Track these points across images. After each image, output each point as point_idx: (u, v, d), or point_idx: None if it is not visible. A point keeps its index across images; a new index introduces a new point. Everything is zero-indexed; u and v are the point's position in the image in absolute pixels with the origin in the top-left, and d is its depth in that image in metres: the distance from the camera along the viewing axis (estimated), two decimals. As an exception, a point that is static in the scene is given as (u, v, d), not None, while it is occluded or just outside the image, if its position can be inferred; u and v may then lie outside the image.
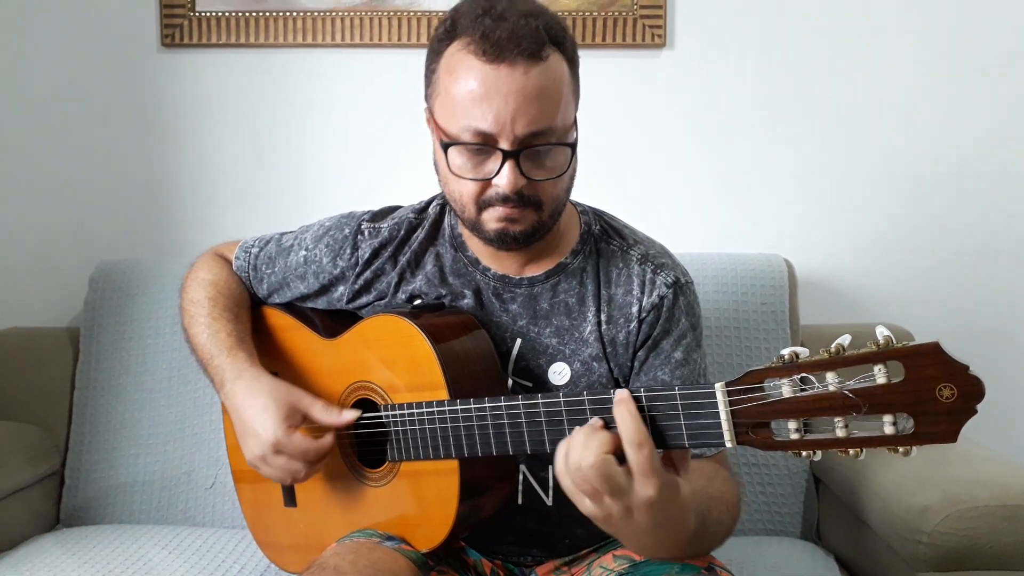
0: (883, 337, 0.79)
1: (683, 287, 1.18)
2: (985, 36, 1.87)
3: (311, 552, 1.16)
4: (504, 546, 1.20)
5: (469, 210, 1.10)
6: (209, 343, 1.22)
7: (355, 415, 1.12)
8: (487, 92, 1.02)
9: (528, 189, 1.07)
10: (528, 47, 1.02)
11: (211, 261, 1.32)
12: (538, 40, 1.03)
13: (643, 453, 0.87)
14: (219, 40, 1.90)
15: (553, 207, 1.11)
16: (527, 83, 1.02)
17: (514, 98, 1.02)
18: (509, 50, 1.02)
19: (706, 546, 1.04)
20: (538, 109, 1.03)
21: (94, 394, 1.73)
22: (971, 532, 1.23)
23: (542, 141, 1.05)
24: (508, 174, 1.04)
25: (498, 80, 1.02)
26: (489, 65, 1.02)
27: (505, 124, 1.03)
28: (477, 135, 1.04)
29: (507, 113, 1.02)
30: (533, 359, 1.17)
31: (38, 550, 1.52)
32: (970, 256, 1.90)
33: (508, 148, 1.04)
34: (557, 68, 1.05)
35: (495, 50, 1.02)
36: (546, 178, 1.07)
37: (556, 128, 1.05)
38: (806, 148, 1.90)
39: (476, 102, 1.03)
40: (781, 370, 0.83)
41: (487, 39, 1.02)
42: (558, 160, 1.08)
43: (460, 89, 1.04)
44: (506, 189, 1.05)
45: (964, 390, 0.77)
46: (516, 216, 1.08)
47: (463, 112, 1.04)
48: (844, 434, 0.81)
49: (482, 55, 1.02)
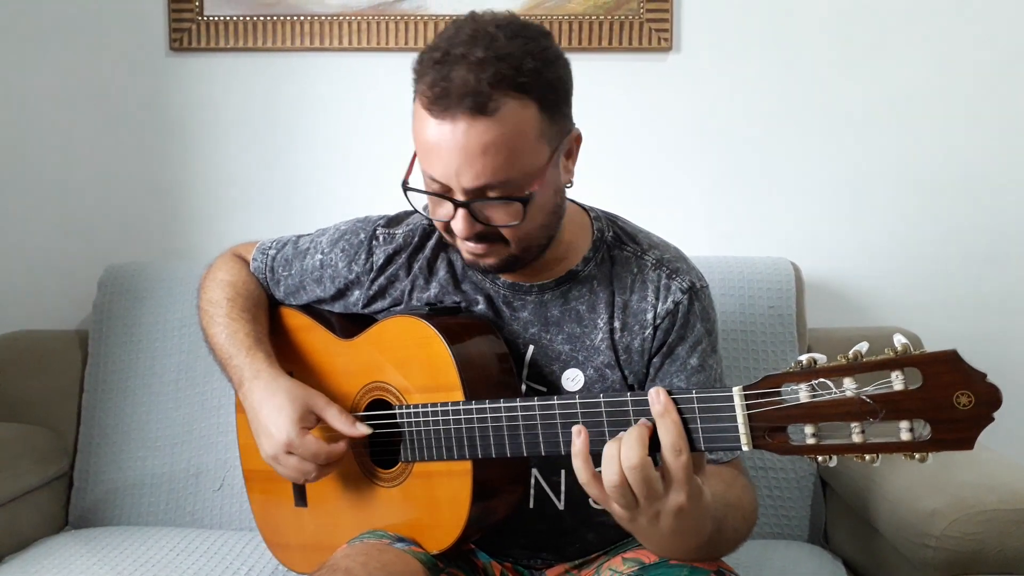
0: (901, 344, 0.80)
1: (698, 292, 1.17)
2: (995, 41, 1.87)
3: (321, 552, 1.16)
4: (514, 549, 1.20)
5: (447, 237, 1.13)
6: (228, 343, 1.22)
7: (367, 430, 1.12)
8: (436, 145, 1.02)
9: (489, 230, 1.06)
10: (472, 103, 0.98)
11: (229, 262, 1.33)
12: (483, 94, 0.98)
13: (681, 460, 0.88)
14: (227, 44, 1.91)
15: (524, 244, 1.09)
16: (468, 140, 1.00)
17: (457, 154, 1.00)
18: (452, 106, 0.99)
19: (721, 551, 1.04)
20: (482, 165, 1.01)
21: (102, 396, 1.73)
22: (979, 536, 1.23)
23: (494, 194, 1.03)
24: (460, 222, 1.05)
25: (441, 135, 1.01)
26: (434, 119, 1.01)
27: (450, 177, 1.02)
28: (432, 182, 1.05)
29: (452, 168, 1.02)
30: (546, 365, 1.17)
31: (47, 551, 1.52)
32: (978, 260, 1.90)
33: (459, 199, 1.04)
34: (511, 119, 1.00)
35: (439, 105, 1.00)
36: (503, 225, 1.06)
37: (511, 179, 1.02)
38: (813, 152, 1.90)
39: (428, 152, 1.03)
40: (799, 375, 0.84)
41: (433, 90, 1.00)
42: (512, 211, 1.05)
43: (419, 136, 1.05)
44: (460, 235, 1.06)
45: (982, 397, 0.78)
46: (482, 251, 1.09)
47: (423, 157, 1.05)
48: (861, 439, 0.82)
49: (429, 106, 1.01)
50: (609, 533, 1.20)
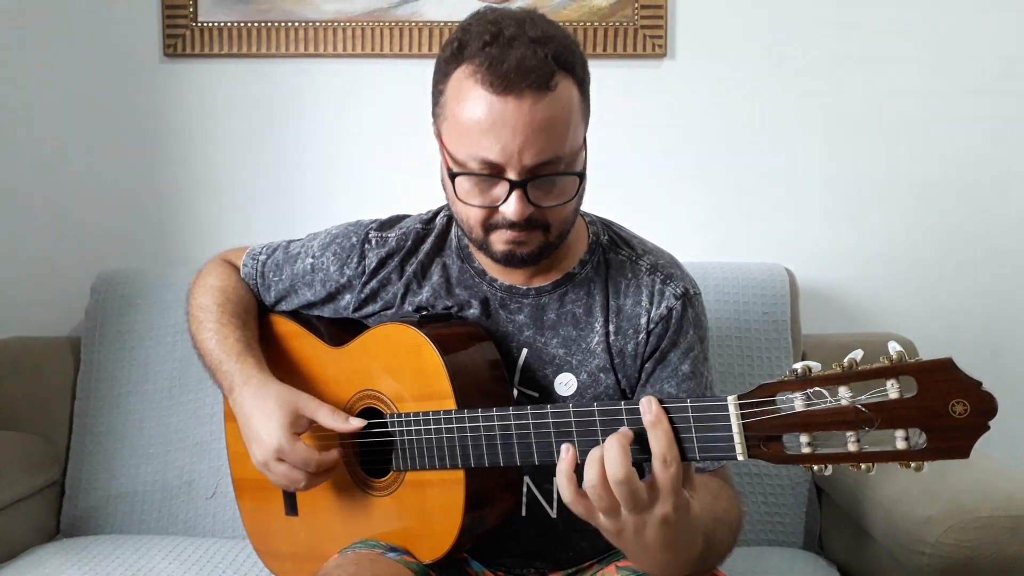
0: (895, 352, 0.79)
1: (692, 299, 1.17)
2: (985, 46, 1.88)
3: (312, 562, 1.16)
4: (507, 558, 1.20)
5: (476, 232, 1.10)
6: (217, 349, 1.22)
7: (362, 422, 1.11)
8: (494, 124, 1.01)
9: (536, 214, 1.07)
10: (536, 79, 1.00)
11: (219, 267, 1.32)
12: (547, 70, 1.01)
13: (669, 472, 0.88)
14: (221, 50, 1.90)
15: (561, 228, 1.11)
16: (535, 115, 1.00)
17: (522, 131, 1.01)
18: (517, 82, 1.00)
19: (708, 565, 1.04)
20: (546, 140, 1.02)
21: (95, 403, 1.72)
22: (974, 543, 1.23)
23: (550, 171, 1.04)
24: (515, 203, 1.04)
25: (505, 112, 1.00)
26: (496, 96, 1.00)
27: (512, 156, 1.02)
28: (484, 165, 1.03)
29: (515, 145, 1.01)
30: (539, 369, 1.16)
31: (38, 560, 1.51)
32: (972, 265, 1.91)
33: (515, 178, 1.03)
34: (566, 95, 1.04)
35: (502, 82, 1.00)
36: (554, 204, 1.07)
37: (564, 156, 1.05)
38: (807, 157, 1.91)
39: (484, 132, 1.02)
40: (794, 384, 0.83)
41: (494, 70, 1.00)
42: (566, 188, 1.07)
43: (467, 117, 1.03)
44: (513, 217, 1.05)
45: (977, 406, 0.78)
46: (523, 239, 1.08)
47: (471, 141, 1.03)
48: (856, 449, 0.81)
49: (489, 86, 1.01)
50: (602, 541, 1.17)
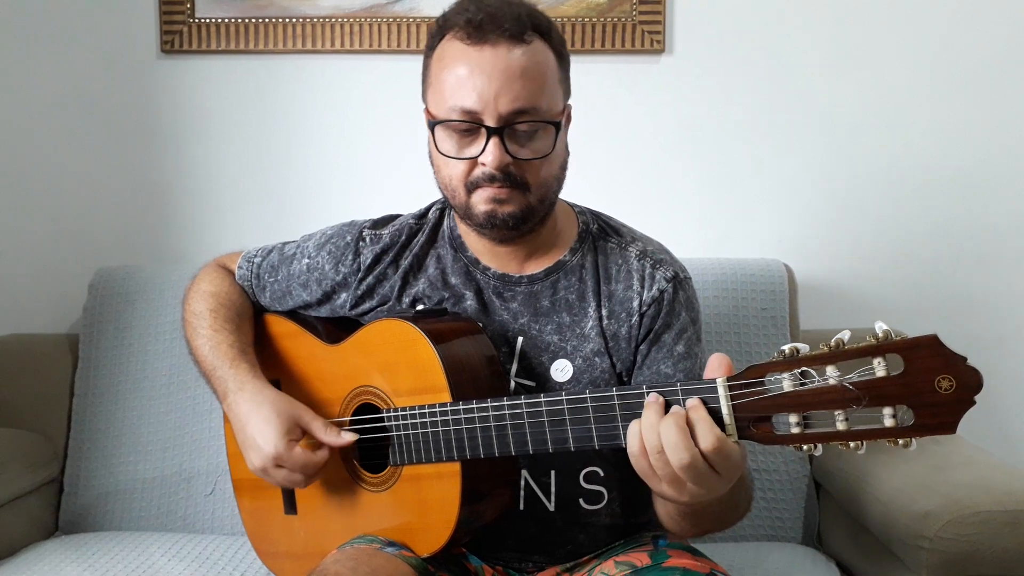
0: (882, 331, 0.80)
1: (682, 282, 1.19)
2: (982, 42, 1.87)
3: (311, 560, 1.15)
4: (505, 552, 1.20)
5: (459, 194, 1.12)
6: (211, 355, 1.22)
7: (353, 437, 1.13)
8: (471, 72, 1.07)
9: (515, 168, 1.09)
10: (510, 28, 1.07)
11: (213, 272, 1.33)
12: (520, 23, 1.08)
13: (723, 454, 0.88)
14: (219, 46, 1.90)
15: (542, 191, 1.12)
16: (510, 62, 1.07)
17: (497, 76, 1.06)
18: (491, 31, 1.07)
19: (739, 511, 1.08)
20: (521, 87, 1.07)
21: (93, 400, 1.72)
22: (973, 538, 1.23)
23: (526, 119, 1.08)
24: (492, 150, 1.07)
25: (481, 60, 1.07)
26: (473, 47, 1.08)
27: (488, 101, 1.06)
28: (463, 113, 1.08)
29: (490, 91, 1.06)
30: (535, 356, 1.17)
31: (36, 557, 1.51)
32: (969, 260, 1.90)
33: (492, 125, 1.07)
34: (541, 53, 1.10)
35: (478, 33, 1.07)
36: (531, 157, 1.10)
37: (540, 109, 1.09)
38: (805, 153, 1.90)
39: (462, 82, 1.08)
40: (782, 364, 0.84)
41: (471, 23, 1.08)
42: (543, 141, 1.10)
43: (448, 74, 1.09)
44: (491, 166, 1.08)
45: (962, 381, 0.78)
46: (504, 196, 1.10)
47: (450, 93, 1.09)
48: (845, 427, 0.82)
49: (467, 39, 1.08)
50: (600, 534, 1.20)
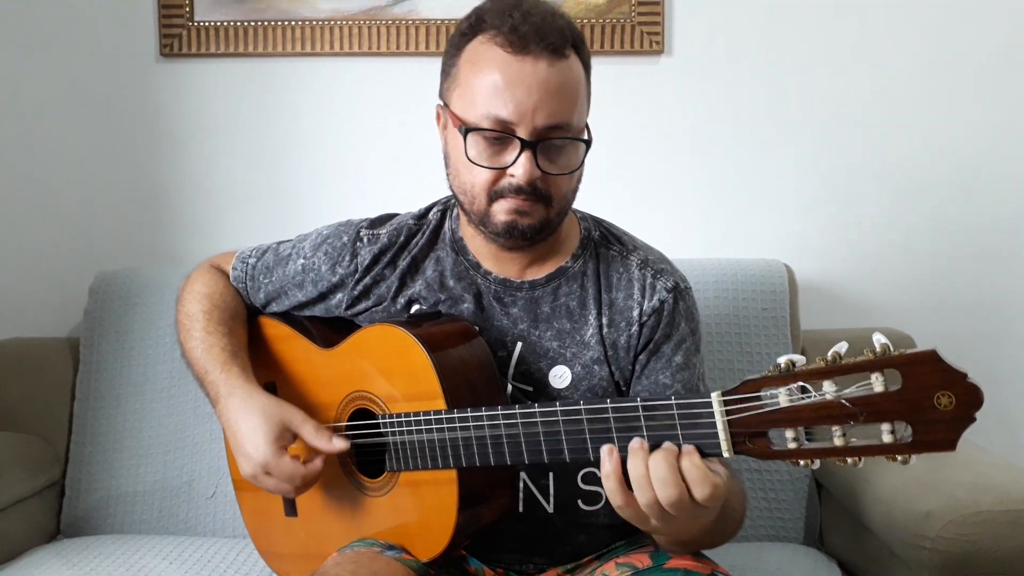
0: (880, 345, 0.78)
1: (682, 292, 1.18)
2: (982, 41, 1.87)
3: (312, 561, 1.16)
4: (506, 554, 1.20)
5: (479, 201, 1.11)
6: (204, 358, 1.22)
7: (345, 445, 1.12)
8: (510, 81, 1.05)
9: (541, 182, 1.08)
10: (553, 43, 1.06)
11: (207, 273, 1.32)
12: (563, 38, 1.07)
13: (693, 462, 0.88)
14: (218, 50, 1.90)
15: (561, 205, 1.12)
16: (550, 77, 1.05)
17: (537, 90, 1.05)
18: (535, 43, 1.05)
19: (727, 532, 1.06)
20: (558, 103, 1.06)
21: (94, 404, 1.72)
22: (974, 537, 1.23)
23: (559, 135, 1.07)
24: (524, 164, 1.06)
25: (522, 71, 1.05)
26: (514, 56, 1.05)
27: (526, 114, 1.05)
28: (497, 123, 1.06)
29: (529, 104, 1.05)
30: (534, 363, 1.17)
31: (38, 561, 1.51)
32: (970, 260, 1.90)
33: (527, 138, 1.06)
34: (576, 68, 1.10)
35: (522, 42, 1.05)
36: (560, 173, 1.09)
37: (572, 125, 1.08)
38: (805, 153, 1.90)
39: (499, 91, 1.05)
40: (778, 379, 0.83)
41: (515, 32, 1.05)
42: (572, 157, 1.10)
43: (483, 79, 1.07)
44: (521, 179, 1.07)
45: (962, 398, 0.76)
46: (527, 209, 1.09)
47: (485, 100, 1.06)
48: (842, 443, 0.81)
49: (508, 47, 1.06)
50: (600, 534, 1.20)
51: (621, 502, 0.91)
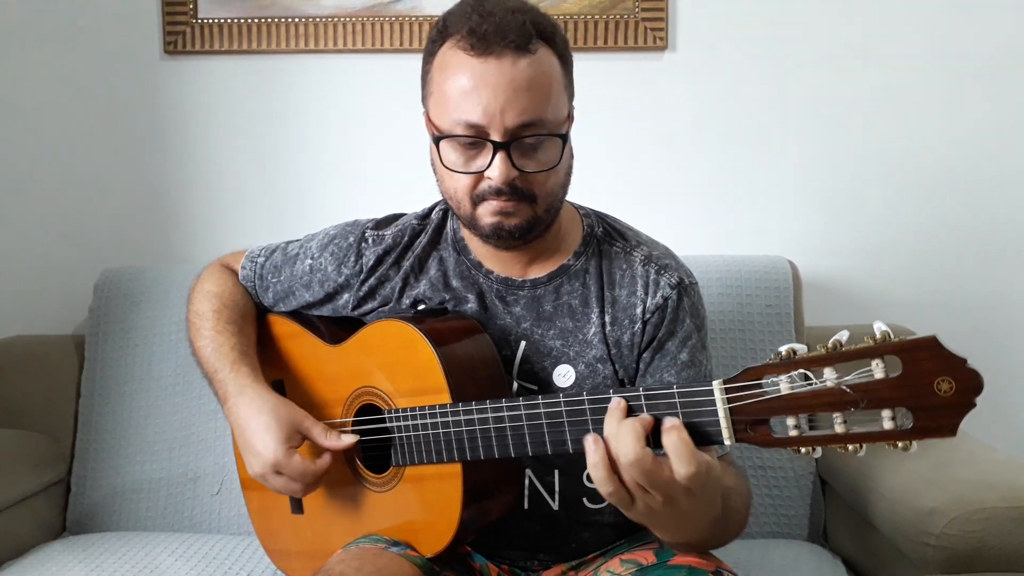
0: (880, 332, 0.79)
1: (687, 288, 1.17)
2: (988, 38, 1.86)
3: (319, 559, 1.16)
4: (510, 551, 1.20)
5: (464, 206, 1.11)
6: (213, 357, 1.22)
7: (353, 439, 1.13)
8: (476, 85, 1.04)
9: (521, 181, 1.07)
10: (515, 39, 1.04)
11: (216, 272, 1.33)
12: (524, 33, 1.05)
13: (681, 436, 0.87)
14: (222, 47, 1.90)
15: (548, 201, 1.11)
16: (515, 74, 1.04)
17: (503, 89, 1.03)
18: (496, 43, 1.04)
19: (728, 533, 1.05)
20: (527, 100, 1.04)
21: (99, 401, 1.73)
22: (979, 534, 1.23)
23: (532, 132, 1.06)
24: (499, 166, 1.05)
25: (486, 72, 1.04)
26: (478, 59, 1.04)
27: (495, 115, 1.04)
28: (468, 127, 1.06)
29: (496, 104, 1.04)
30: (537, 361, 1.17)
31: (44, 558, 1.52)
32: (975, 257, 1.90)
33: (498, 139, 1.05)
34: (546, 61, 1.07)
35: (483, 44, 1.04)
36: (538, 170, 1.08)
37: (547, 120, 1.06)
38: (809, 150, 1.90)
39: (466, 95, 1.05)
40: (779, 367, 0.83)
41: (474, 34, 1.04)
42: (550, 153, 1.08)
43: (451, 85, 1.06)
44: (498, 181, 1.06)
45: (962, 384, 0.76)
46: (510, 209, 1.09)
47: (454, 106, 1.06)
48: (843, 430, 0.81)
49: (471, 49, 1.04)
50: (605, 532, 1.20)
51: (612, 488, 0.90)
